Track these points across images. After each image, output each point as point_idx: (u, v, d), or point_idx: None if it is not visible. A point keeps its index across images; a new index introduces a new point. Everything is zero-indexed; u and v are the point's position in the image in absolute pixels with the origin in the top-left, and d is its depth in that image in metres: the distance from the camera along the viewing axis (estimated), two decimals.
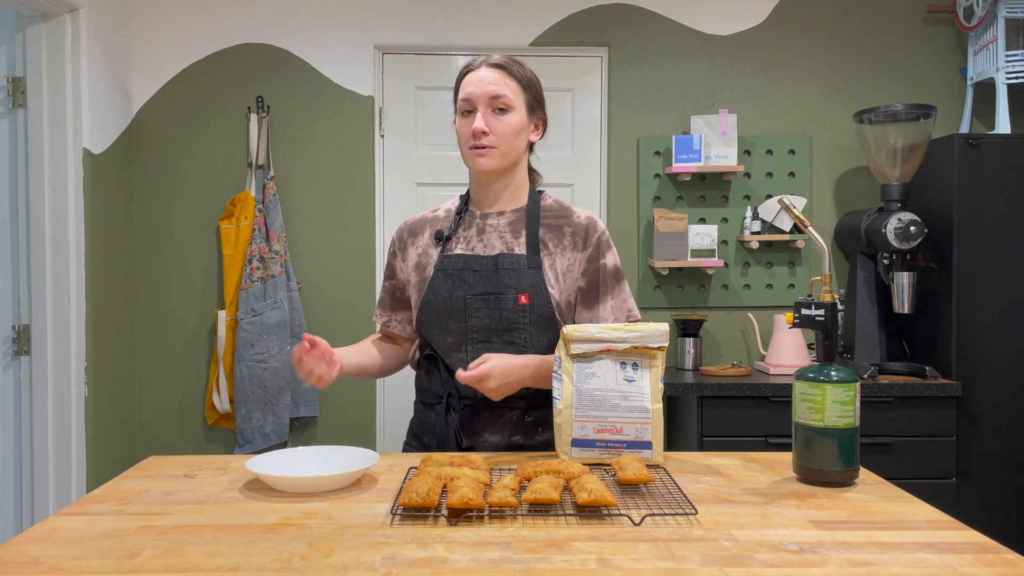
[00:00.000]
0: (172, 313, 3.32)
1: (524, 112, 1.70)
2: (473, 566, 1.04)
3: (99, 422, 3.01)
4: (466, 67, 1.73)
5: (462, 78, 1.72)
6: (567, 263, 1.71)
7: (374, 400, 3.35)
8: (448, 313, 1.68)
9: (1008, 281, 2.92)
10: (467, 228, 1.75)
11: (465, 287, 1.68)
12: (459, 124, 1.71)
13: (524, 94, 1.70)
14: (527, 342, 1.67)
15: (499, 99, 1.66)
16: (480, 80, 1.67)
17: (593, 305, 1.71)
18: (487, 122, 1.66)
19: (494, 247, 1.71)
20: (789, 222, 3.28)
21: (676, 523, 1.20)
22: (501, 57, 1.71)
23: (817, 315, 1.45)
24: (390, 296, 1.82)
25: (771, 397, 2.87)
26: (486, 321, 1.67)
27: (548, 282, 1.68)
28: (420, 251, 1.76)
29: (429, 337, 1.72)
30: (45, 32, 2.83)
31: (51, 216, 2.84)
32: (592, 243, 1.72)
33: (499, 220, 1.74)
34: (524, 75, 1.71)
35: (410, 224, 1.82)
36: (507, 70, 1.69)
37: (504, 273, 1.67)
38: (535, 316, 1.67)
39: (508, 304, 1.66)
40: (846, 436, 1.38)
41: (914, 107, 2.96)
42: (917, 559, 1.07)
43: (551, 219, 1.75)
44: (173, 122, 3.31)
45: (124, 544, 1.12)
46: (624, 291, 1.73)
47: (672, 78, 3.36)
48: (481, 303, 1.67)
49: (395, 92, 3.37)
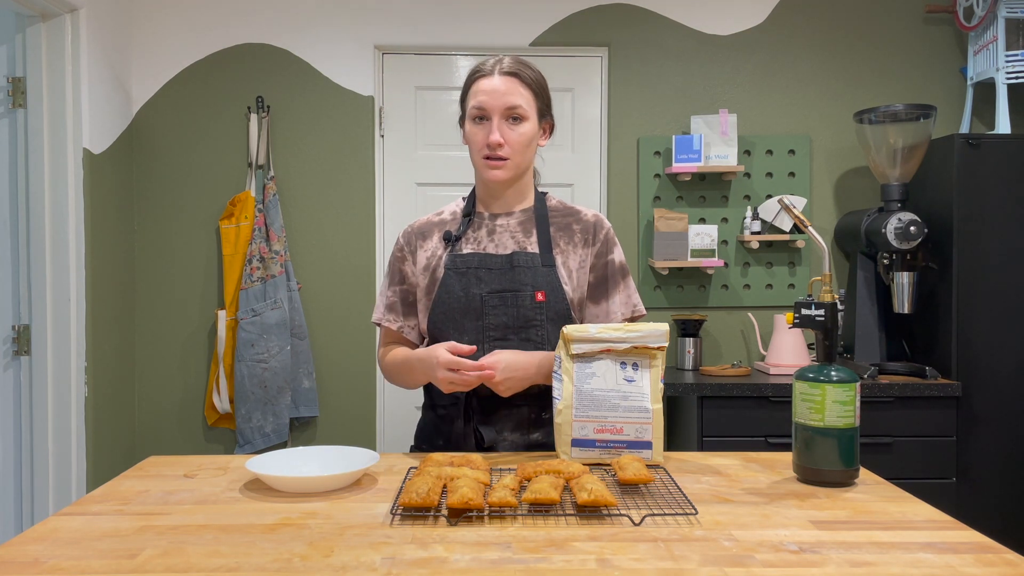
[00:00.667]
0: (172, 313, 3.32)
1: (536, 120, 1.70)
2: (473, 566, 1.04)
3: (99, 422, 3.01)
4: (477, 71, 1.71)
5: (473, 82, 1.70)
6: (578, 260, 1.73)
7: (374, 400, 3.35)
8: (464, 312, 1.68)
9: (1008, 281, 2.92)
10: (477, 229, 1.75)
11: (481, 285, 1.68)
12: (470, 130, 1.70)
13: (536, 101, 1.70)
14: (544, 339, 1.68)
15: (514, 109, 1.66)
16: (495, 90, 1.66)
17: (601, 300, 1.73)
18: (501, 132, 1.66)
19: (507, 246, 1.72)
20: (789, 222, 3.28)
21: (676, 523, 1.20)
22: (512, 62, 1.69)
23: (817, 315, 1.45)
24: (402, 302, 1.78)
25: (771, 397, 2.87)
26: (503, 319, 1.67)
27: (562, 279, 1.70)
28: (429, 254, 1.76)
29: (443, 337, 1.70)
30: (45, 32, 2.83)
31: (51, 216, 2.84)
32: (600, 239, 1.74)
33: (508, 220, 1.75)
34: (536, 80, 1.71)
35: (417, 227, 1.80)
36: (520, 77, 1.68)
37: (520, 271, 1.68)
38: (551, 313, 1.68)
39: (525, 301, 1.67)
40: (846, 436, 1.38)
41: (914, 107, 2.96)
42: (917, 559, 1.07)
43: (559, 218, 1.77)
44: (173, 122, 3.31)
45: (124, 544, 1.12)
46: (630, 286, 1.76)
47: (672, 78, 3.36)
48: (498, 300, 1.67)
49: (395, 92, 3.37)
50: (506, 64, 1.69)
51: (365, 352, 3.33)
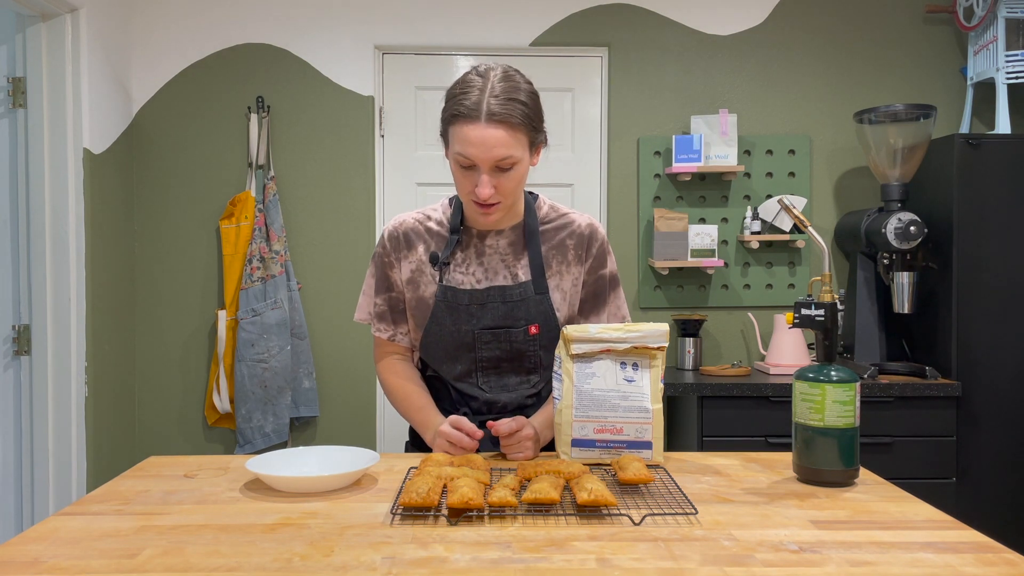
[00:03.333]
0: (172, 313, 3.32)
1: (527, 154, 1.56)
2: (473, 566, 1.04)
3: (99, 422, 3.01)
4: (458, 112, 1.51)
5: (455, 122, 1.52)
6: (572, 279, 1.69)
7: (374, 400, 3.35)
8: (456, 346, 1.66)
9: (1008, 281, 2.92)
10: (464, 248, 1.67)
11: (473, 321, 1.64)
12: (456, 173, 1.56)
13: (527, 137, 1.54)
14: (536, 365, 1.69)
15: (505, 160, 1.51)
16: (483, 142, 1.48)
17: (593, 314, 1.72)
18: (492, 181, 1.53)
19: (496, 271, 1.66)
20: (789, 222, 3.28)
21: (676, 523, 1.20)
22: (500, 101, 1.49)
23: (817, 315, 1.45)
24: (392, 310, 1.73)
25: (771, 397, 2.87)
26: (496, 352, 1.66)
27: (555, 306, 1.67)
28: (413, 266, 1.69)
29: (436, 364, 1.70)
30: (45, 32, 2.83)
31: (51, 216, 2.84)
32: (593, 253, 1.70)
33: (498, 240, 1.67)
34: (527, 114, 1.52)
35: (402, 232, 1.70)
36: (510, 123, 1.49)
37: (513, 306, 1.64)
38: (545, 341, 1.67)
39: (519, 336, 1.65)
40: (846, 436, 1.38)
41: (914, 107, 2.96)
42: (917, 559, 1.07)
43: (551, 230, 1.69)
44: (173, 122, 3.31)
45: (124, 544, 1.12)
46: (619, 297, 1.74)
47: (672, 78, 3.36)
48: (491, 336, 1.65)
49: (395, 92, 3.37)
50: (494, 106, 1.48)
51: (365, 352, 3.33)
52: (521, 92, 1.52)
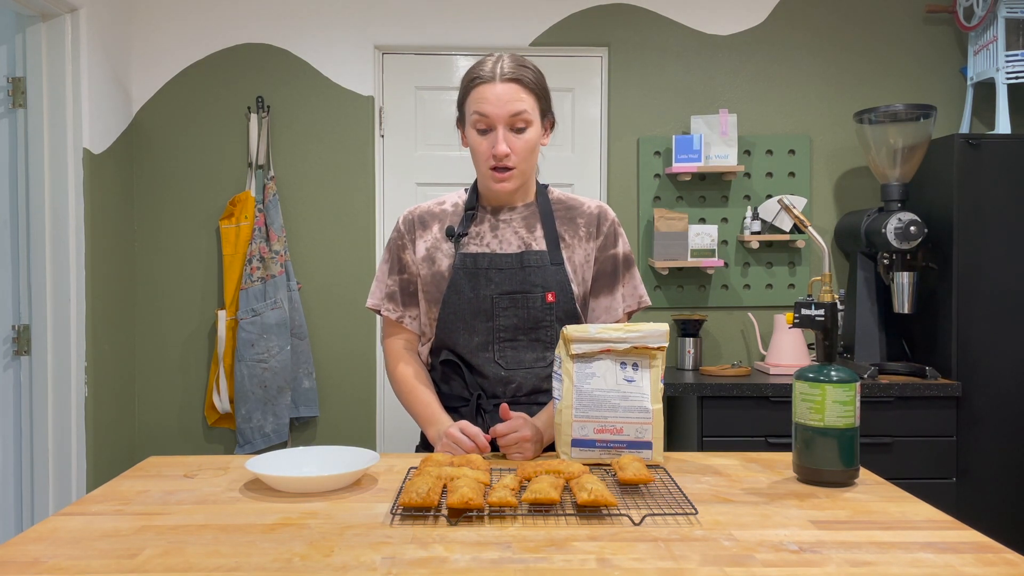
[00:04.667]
0: (172, 313, 3.32)
1: (539, 123, 1.68)
2: (473, 566, 1.04)
3: (99, 422, 3.01)
4: (477, 77, 1.65)
5: (472, 87, 1.65)
6: (583, 254, 1.73)
7: (374, 400, 3.35)
8: (474, 313, 1.68)
9: (1008, 281, 2.92)
10: (479, 224, 1.73)
11: (491, 286, 1.67)
12: (473, 139, 1.67)
13: (538, 104, 1.67)
14: (552, 339, 1.69)
15: (519, 116, 1.63)
16: (498, 98, 1.62)
17: (606, 293, 1.73)
18: (507, 142, 1.63)
19: (510, 243, 1.71)
20: (789, 222, 3.28)
21: (676, 523, 1.20)
22: (512, 65, 1.64)
23: (817, 315, 1.45)
24: (403, 291, 1.77)
25: (771, 397, 2.87)
26: (513, 320, 1.68)
27: (570, 277, 1.70)
28: (429, 244, 1.74)
29: (452, 338, 1.70)
30: (45, 32, 2.83)
31: (51, 216, 2.84)
32: (604, 232, 1.74)
33: (511, 215, 1.73)
34: (536, 81, 1.66)
35: (418, 215, 1.77)
36: (522, 83, 1.63)
37: (530, 271, 1.67)
38: (560, 313, 1.69)
39: (536, 303, 1.67)
40: (846, 436, 1.38)
41: (914, 107, 2.96)
42: (917, 559, 1.07)
43: (562, 211, 1.75)
44: (173, 122, 3.31)
45: (124, 544, 1.12)
46: (635, 277, 1.76)
47: (672, 78, 3.36)
48: (509, 302, 1.67)
49: (395, 92, 3.37)
50: (507, 68, 1.64)
51: (365, 352, 3.33)
52: (530, 65, 1.68)
